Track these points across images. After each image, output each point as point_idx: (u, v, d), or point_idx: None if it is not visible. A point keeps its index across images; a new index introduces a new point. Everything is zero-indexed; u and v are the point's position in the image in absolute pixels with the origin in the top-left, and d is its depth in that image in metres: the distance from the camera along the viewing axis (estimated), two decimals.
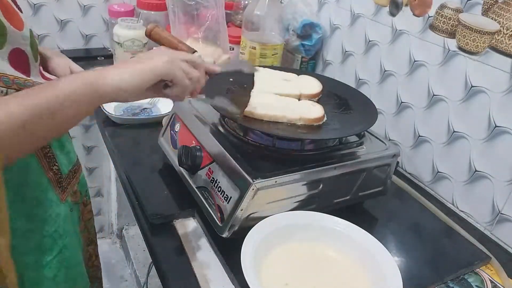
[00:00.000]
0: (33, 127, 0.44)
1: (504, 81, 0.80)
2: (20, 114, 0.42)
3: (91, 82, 0.48)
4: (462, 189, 0.91)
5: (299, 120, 0.77)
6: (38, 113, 0.44)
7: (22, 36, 0.56)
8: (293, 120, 0.77)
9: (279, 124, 0.76)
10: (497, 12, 0.80)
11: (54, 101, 0.45)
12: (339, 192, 0.78)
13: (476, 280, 0.75)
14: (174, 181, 0.83)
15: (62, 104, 0.46)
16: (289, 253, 0.67)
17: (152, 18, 1.38)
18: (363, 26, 1.13)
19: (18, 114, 0.42)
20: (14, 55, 0.54)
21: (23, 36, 0.56)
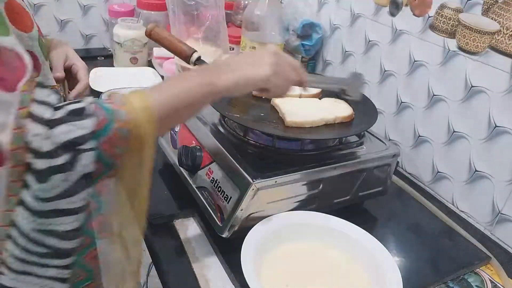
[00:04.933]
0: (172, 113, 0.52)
1: (504, 81, 0.80)
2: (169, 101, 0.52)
3: (208, 84, 0.56)
4: (462, 189, 0.91)
5: (335, 119, 0.78)
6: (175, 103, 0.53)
7: (30, 37, 0.56)
8: (330, 121, 0.78)
9: (319, 128, 0.77)
10: (497, 12, 0.80)
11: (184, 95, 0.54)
12: (339, 192, 0.78)
13: (476, 280, 0.75)
14: (174, 181, 0.83)
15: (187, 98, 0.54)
16: (289, 253, 0.67)
17: (152, 18, 1.38)
18: (363, 26, 1.13)
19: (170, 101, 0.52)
20: None
21: (30, 37, 0.56)
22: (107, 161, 0.47)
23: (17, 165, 0.43)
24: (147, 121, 0.48)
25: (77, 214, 0.47)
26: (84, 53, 1.47)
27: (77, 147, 0.44)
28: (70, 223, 0.47)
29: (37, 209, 0.45)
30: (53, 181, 0.44)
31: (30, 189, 0.44)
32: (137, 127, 0.47)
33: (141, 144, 0.49)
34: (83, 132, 0.44)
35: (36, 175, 0.43)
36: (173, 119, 0.55)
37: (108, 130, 0.46)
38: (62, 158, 0.43)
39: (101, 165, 0.46)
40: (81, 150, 0.44)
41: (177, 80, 0.56)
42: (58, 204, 0.45)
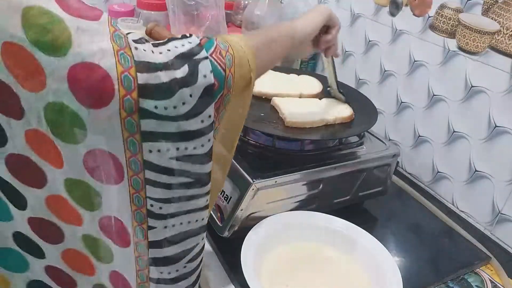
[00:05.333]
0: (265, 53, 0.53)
1: (504, 81, 0.80)
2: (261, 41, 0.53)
3: (289, 29, 0.61)
4: (462, 189, 0.91)
5: (335, 120, 0.79)
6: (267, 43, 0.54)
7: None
8: (329, 122, 0.78)
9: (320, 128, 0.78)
10: (497, 12, 0.80)
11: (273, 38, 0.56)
12: (339, 192, 0.78)
13: (476, 280, 0.75)
14: None
15: (277, 41, 0.57)
16: (289, 253, 0.67)
17: (152, 18, 1.38)
18: (363, 26, 1.13)
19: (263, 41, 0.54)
20: None
21: None
22: (220, 73, 0.44)
23: (129, 91, 0.38)
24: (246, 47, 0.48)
25: (207, 134, 0.44)
26: None
27: (193, 57, 0.42)
28: (204, 146, 0.44)
29: (170, 132, 0.41)
30: (181, 96, 0.40)
31: (153, 113, 0.40)
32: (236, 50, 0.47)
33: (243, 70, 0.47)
34: (193, 45, 0.43)
35: (158, 91, 0.39)
36: (266, 59, 0.55)
37: (212, 42, 0.45)
38: (182, 70, 0.40)
39: (216, 78, 0.43)
40: (198, 60, 0.42)
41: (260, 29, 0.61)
42: (190, 125, 0.42)
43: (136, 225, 0.46)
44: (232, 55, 0.46)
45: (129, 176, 0.43)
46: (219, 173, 0.53)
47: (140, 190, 0.44)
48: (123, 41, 0.39)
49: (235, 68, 0.46)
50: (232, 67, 0.45)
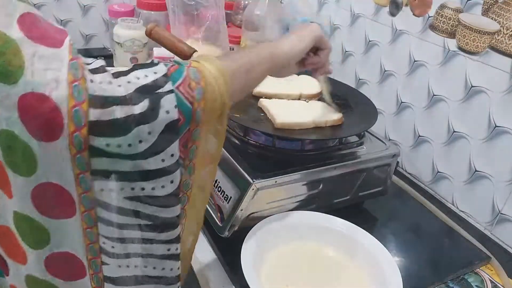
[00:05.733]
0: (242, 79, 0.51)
1: (504, 81, 0.80)
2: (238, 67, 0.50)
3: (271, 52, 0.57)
4: (462, 189, 0.91)
5: (326, 122, 0.78)
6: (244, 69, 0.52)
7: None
8: (320, 124, 0.78)
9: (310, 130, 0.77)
10: (497, 12, 0.80)
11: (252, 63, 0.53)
12: (339, 192, 0.78)
13: (476, 280, 0.75)
14: None
15: (255, 66, 0.54)
16: (289, 253, 0.67)
17: (152, 18, 1.38)
18: (363, 26, 1.13)
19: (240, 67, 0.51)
20: None
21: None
22: (186, 107, 0.41)
23: (79, 127, 0.36)
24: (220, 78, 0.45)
25: (170, 175, 0.41)
26: (84, 53, 1.46)
27: (156, 91, 0.39)
28: (164, 188, 0.41)
29: (123, 170, 0.39)
30: (137, 133, 0.38)
31: (104, 150, 0.37)
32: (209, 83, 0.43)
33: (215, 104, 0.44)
34: (158, 76, 0.40)
35: (111, 128, 0.37)
36: (243, 85, 0.52)
37: (181, 72, 0.42)
38: (141, 105, 0.38)
39: (181, 113, 0.41)
40: (161, 94, 0.39)
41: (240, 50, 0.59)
42: (148, 163, 0.39)
43: (91, 258, 0.44)
44: (203, 88, 0.43)
45: (81, 212, 0.40)
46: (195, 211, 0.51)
47: (93, 226, 0.42)
48: (79, 72, 0.37)
49: (206, 102, 0.43)
50: (202, 101, 0.42)
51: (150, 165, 0.39)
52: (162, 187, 0.41)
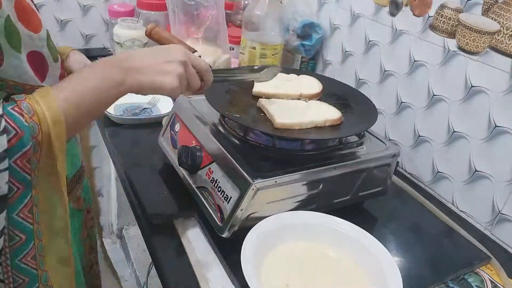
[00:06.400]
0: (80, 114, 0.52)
1: (504, 81, 0.80)
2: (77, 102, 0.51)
3: (115, 82, 0.54)
4: (462, 189, 0.91)
5: (325, 122, 0.78)
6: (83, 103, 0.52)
7: (39, 38, 0.55)
8: (319, 123, 0.77)
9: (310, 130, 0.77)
10: (497, 12, 0.80)
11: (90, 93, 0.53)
12: (339, 192, 0.78)
13: (476, 280, 0.75)
14: (174, 181, 0.83)
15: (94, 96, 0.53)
16: (289, 253, 0.67)
17: (152, 18, 1.38)
18: (363, 26, 1.13)
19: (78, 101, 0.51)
20: (31, 57, 0.54)
21: (39, 38, 0.56)
22: (23, 178, 0.46)
23: None
24: (54, 125, 0.47)
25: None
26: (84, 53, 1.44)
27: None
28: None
29: None
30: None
31: None
32: (46, 135, 0.47)
33: (51, 151, 0.48)
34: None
35: None
36: (81, 119, 0.53)
37: (23, 146, 0.45)
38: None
39: (19, 183, 0.46)
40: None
41: (86, 74, 0.54)
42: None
43: None
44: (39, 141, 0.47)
45: None
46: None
47: None
48: None
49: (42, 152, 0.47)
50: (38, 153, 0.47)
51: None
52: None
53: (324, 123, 0.78)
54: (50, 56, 0.58)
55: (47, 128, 0.47)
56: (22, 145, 0.45)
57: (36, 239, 0.50)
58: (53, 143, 0.47)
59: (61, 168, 0.50)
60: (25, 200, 0.48)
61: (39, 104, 0.47)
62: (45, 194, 0.50)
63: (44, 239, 0.52)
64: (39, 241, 0.51)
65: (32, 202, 0.48)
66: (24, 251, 0.50)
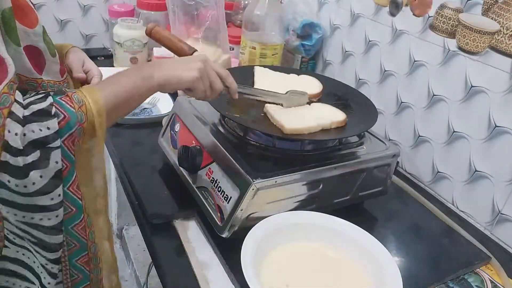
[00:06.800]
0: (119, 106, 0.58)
1: (504, 81, 0.80)
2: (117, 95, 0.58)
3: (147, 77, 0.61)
4: (462, 189, 0.91)
5: (331, 124, 0.78)
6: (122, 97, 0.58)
7: (34, 33, 0.57)
8: (326, 126, 0.77)
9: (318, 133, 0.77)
10: (497, 12, 0.80)
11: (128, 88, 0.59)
12: (339, 192, 0.78)
13: (476, 280, 0.75)
14: (174, 181, 0.83)
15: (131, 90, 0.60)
16: (289, 253, 0.67)
17: (152, 18, 1.38)
18: (363, 26, 1.13)
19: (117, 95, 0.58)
20: (28, 51, 0.56)
21: (34, 33, 0.58)
22: (70, 158, 0.52)
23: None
24: (99, 116, 0.54)
25: (56, 211, 0.52)
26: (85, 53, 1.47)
27: (46, 146, 0.49)
28: (51, 220, 0.52)
29: (18, 202, 0.50)
30: (31, 178, 0.48)
31: (6, 186, 0.48)
32: (90, 124, 0.53)
33: (92, 137, 0.54)
34: (50, 132, 0.49)
35: (13, 172, 0.47)
36: (119, 112, 0.60)
37: (70, 128, 0.51)
38: (34, 155, 0.48)
39: (67, 161, 0.52)
40: (51, 149, 0.49)
41: (121, 75, 0.61)
42: (38, 200, 0.50)
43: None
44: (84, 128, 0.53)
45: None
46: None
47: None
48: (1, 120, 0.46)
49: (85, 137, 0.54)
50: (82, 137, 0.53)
51: (40, 201, 0.50)
52: (48, 219, 0.52)
53: (330, 126, 0.78)
54: (47, 51, 0.60)
55: (92, 118, 0.53)
56: (69, 127, 0.51)
57: (85, 214, 0.57)
58: (96, 132, 0.54)
59: (101, 153, 0.57)
60: (72, 177, 0.54)
61: (86, 98, 0.53)
62: (86, 176, 0.56)
63: (92, 215, 0.58)
64: (88, 215, 0.58)
65: (78, 180, 0.55)
66: (75, 221, 0.56)
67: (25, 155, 0.47)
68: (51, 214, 0.52)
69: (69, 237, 0.57)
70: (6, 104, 0.47)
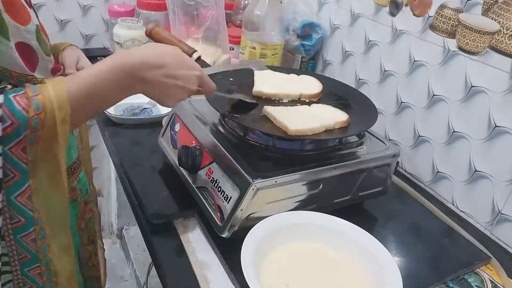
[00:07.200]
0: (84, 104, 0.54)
1: (504, 81, 0.80)
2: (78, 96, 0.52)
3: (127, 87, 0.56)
4: (462, 189, 0.91)
5: (334, 125, 0.78)
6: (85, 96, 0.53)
7: (26, 31, 0.57)
8: (329, 127, 0.77)
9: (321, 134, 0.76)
10: (497, 12, 0.80)
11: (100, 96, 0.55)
12: (339, 192, 0.78)
13: (476, 280, 0.75)
14: (174, 181, 0.83)
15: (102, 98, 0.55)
16: (289, 253, 0.67)
17: (152, 18, 1.38)
18: (363, 26, 1.13)
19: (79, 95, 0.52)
20: (19, 47, 0.56)
21: (27, 31, 0.57)
22: (19, 166, 0.49)
23: None
24: (61, 110, 0.49)
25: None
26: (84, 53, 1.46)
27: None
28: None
29: None
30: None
31: None
32: (51, 118, 0.49)
33: (53, 135, 0.50)
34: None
35: None
36: (86, 112, 0.55)
37: (18, 135, 0.47)
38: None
39: (15, 170, 0.49)
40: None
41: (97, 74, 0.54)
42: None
43: None
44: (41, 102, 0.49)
45: None
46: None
47: None
48: None
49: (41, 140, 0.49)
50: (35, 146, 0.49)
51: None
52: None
53: (334, 126, 0.78)
54: (41, 50, 0.60)
55: (52, 110, 0.49)
56: (17, 134, 0.47)
57: (37, 226, 0.53)
58: (57, 127, 0.49)
59: (61, 154, 0.52)
60: (23, 187, 0.50)
61: (47, 88, 0.49)
62: (43, 184, 0.52)
63: (46, 227, 0.54)
64: (41, 228, 0.54)
65: (30, 191, 0.51)
66: (24, 231, 0.53)
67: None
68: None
69: (19, 247, 0.54)
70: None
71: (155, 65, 0.57)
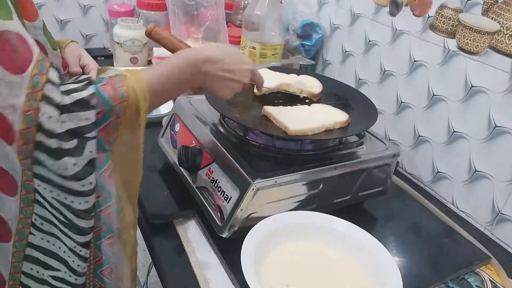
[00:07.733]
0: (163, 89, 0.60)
1: (504, 81, 0.81)
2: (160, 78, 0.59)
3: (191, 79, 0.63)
4: (462, 189, 0.91)
5: (334, 125, 0.78)
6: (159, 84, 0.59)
7: (34, 27, 0.58)
8: (329, 127, 0.77)
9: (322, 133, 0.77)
10: (497, 12, 0.80)
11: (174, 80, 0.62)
12: (339, 192, 0.78)
13: (476, 280, 0.75)
14: (174, 181, 0.83)
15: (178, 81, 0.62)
16: (289, 253, 0.67)
17: (152, 18, 1.38)
18: (363, 26, 1.13)
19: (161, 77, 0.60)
20: None
21: (34, 27, 0.58)
22: (105, 147, 0.54)
23: (27, 143, 0.48)
24: (143, 100, 0.55)
25: (87, 196, 0.53)
26: None
27: (84, 135, 0.51)
28: (81, 204, 0.53)
29: (54, 181, 0.51)
30: (65, 163, 0.50)
31: (43, 164, 0.50)
32: (133, 104, 0.54)
33: (134, 120, 0.56)
34: (88, 122, 0.51)
35: (48, 152, 0.49)
36: (160, 98, 0.62)
37: (105, 120, 0.53)
38: (71, 143, 0.50)
39: (101, 151, 0.54)
40: (87, 139, 0.51)
41: (168, 66, 0.61)
42: (70, 184, 0.52)
43: (20, 228, 0.56)
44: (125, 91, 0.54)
45: (21, 194, 0.54)
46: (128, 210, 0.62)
47: (29, 206, 0.54)
48: (34, 103, 0.47)
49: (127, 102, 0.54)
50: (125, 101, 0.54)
51: (73, 186, 0.52)
52: (79, 203, 0.53)
53: (333, 126, 0.78)
54: (48, 44, 0.61)
55: (134, 100, 0.54)
56: (104, 119, 0.53)
57: (114, 200, 0.58)
58: (140, 111, 0.55)
59: (141, 133, 0.58)
60: (105, 166, 0.55)
61: (131, 79, 0.55)
62: (122, 165, 0.58)
63: (122, 202, 0.59)
64: (117, 203, 0.58)
65: (110, 170, 0.56)
66: (102, 205, 0.57)
67: (62, 141, 0.49)
68: (81, 199, 0.53)
69: (96, 220, 0.57)
70: (38, 87, 0.47)
71: (215, 60, 0.64)
